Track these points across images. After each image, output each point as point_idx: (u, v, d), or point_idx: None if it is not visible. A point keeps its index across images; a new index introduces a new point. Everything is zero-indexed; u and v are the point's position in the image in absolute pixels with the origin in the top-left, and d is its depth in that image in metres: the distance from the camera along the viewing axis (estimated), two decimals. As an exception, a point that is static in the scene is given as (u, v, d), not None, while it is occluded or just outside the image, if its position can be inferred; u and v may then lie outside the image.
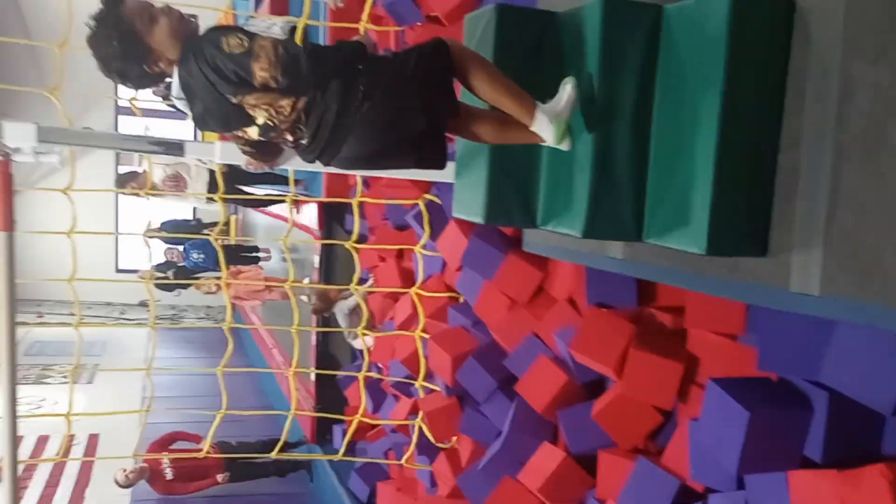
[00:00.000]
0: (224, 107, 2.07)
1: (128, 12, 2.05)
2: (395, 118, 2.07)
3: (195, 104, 2.13)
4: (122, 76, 2.11)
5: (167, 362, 8.89)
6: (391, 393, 5.12)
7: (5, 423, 2.91)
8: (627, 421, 2.89)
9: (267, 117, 2.08)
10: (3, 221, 2.57)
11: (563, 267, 3.34)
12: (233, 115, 2.10)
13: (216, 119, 2.16)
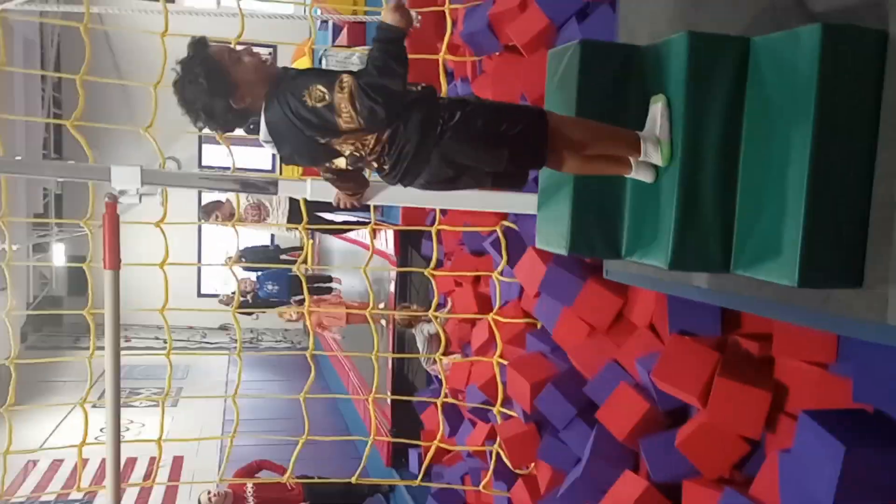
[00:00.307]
0: (312, 147, 2.20)
1: (214, 53, 2.20)
2: (475, 159, 2.19)
3: (283, 146, 2.25)
4: (209, 115, 2.20)
5: (247, 385, 9.15)
6: (468, 417, 5.16)
7: (109, 451, 3.06)
8: (713, 450, 2.85)
9: (353, 150, 2.21)
10: (110, 260, 2.73)
11: (643, 293, 3.34)
12: (321, 153, 2.23)
13: (305, 157, 2.31)
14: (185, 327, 13.32)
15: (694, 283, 2.40)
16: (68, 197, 13.56)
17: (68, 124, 4.34)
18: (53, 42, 13.01)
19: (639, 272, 2.80)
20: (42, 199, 12.83)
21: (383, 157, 2.23)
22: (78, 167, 3.01)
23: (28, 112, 11.05)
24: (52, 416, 8.87)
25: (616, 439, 3.33)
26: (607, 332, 3.55)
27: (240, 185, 2.57)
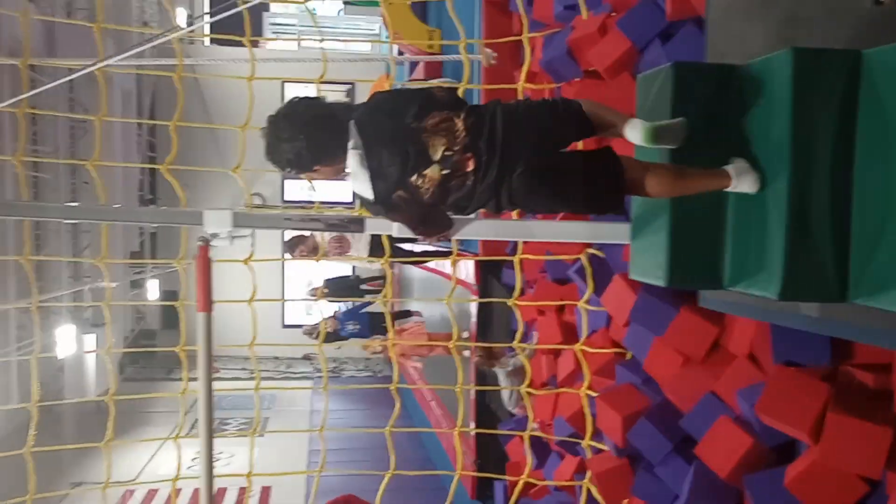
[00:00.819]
0: (403, 146, 2.22)
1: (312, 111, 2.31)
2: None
3: (372, 157, 2.24)
4: (297, 162, 2.30)
5: (330, 414, 9.22)
6: (555, 450, 5.02)
7: (203, 483, 3.10)
8: (827, 490, 2.66)
9: (445, 145, 2.20)
10: (203, 303, 2.78)
11: (740, 321, 3.17)
12: (414, 150, 2.21)
13: (395, 164, 2.24)
14: (271, 358, 13.63)
15: (802, 311, 2.26)
16: (162, 234, 14.20)
17: (162, 168, 4.54)
18: (148, 91, 13.74)
19: (738, 300, 2.66)
20: (138, 237, 13.46)
21: (477, 144, 2.21)
22: (172, 212, 3.11)
23: (125, 158, 11.69)
24: (148, 446, 9.17)
25: (717, 476, 3.16)
26: (703, 363, 3.39)
27: (326, 225, 2.58)
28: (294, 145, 2.24)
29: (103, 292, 4.95)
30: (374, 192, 2.26)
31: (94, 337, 10.03)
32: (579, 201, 2.33)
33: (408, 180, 2.23)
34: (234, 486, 7.98)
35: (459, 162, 2.22)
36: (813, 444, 2.68)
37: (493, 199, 2.30)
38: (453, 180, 2.24)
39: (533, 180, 2.24)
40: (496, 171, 2.22)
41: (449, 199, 2.30)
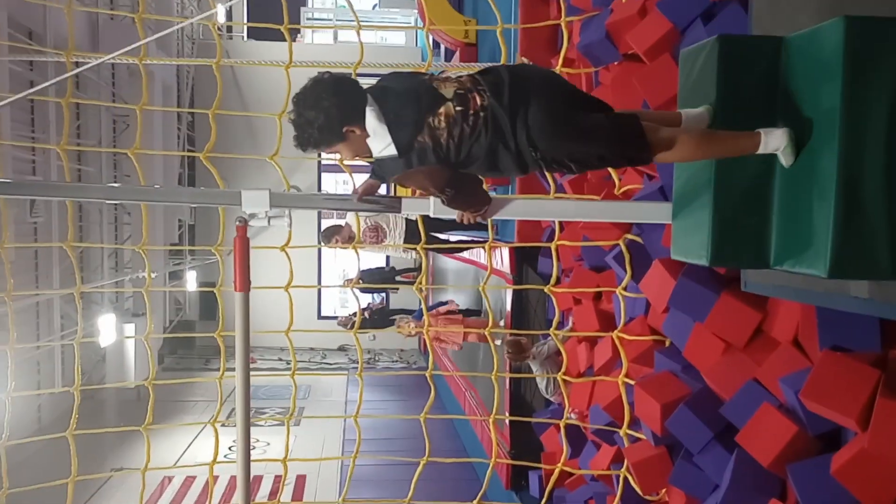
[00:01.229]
0: (416, 93, 2.29)
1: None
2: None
3: (388, 109, 2.27)
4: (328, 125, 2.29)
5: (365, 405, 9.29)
6: (591, 439, 4.97)
7: (239, 468, 3.12)
8: (877, 479, 2.58)
9: (455, 86, 2.29)
10: (241, 282, 2.80)
11: (785, 306, 3.09)
12: (426, 94, 2.28)
13: (412, 107, 2.27)
14: (307, 349, 13.76)
15: (852, 292, 2.19)
16: (200, 227, 14.44)
17: (202, 156, 4.60)
18: (188, 85, 13.96)
19: (784, 283, 2.59)
20: (177, 229, 13.70)
21: (481, 86, 2.28)
22: (211, 192, 3.14)
23: (165, 150, 11.89)
24: (185, 434, 9.32)
25: (760, 465, 3.09)
26: (745, 349, 3.32)
27: (364, 203, 2.58)
28: (322, 108, 2.25)
29: (143, 283, 5.03)
30: (396, 143, 2.26)
31: (133, 326, 10.23)
32: (604, 138, 2.26)
33: (425, 121, 2.24)
34: (270, 474, 8.05)
35: (470, 98, 2.26)
36: (861, 432, 2.60)
37: (510, 142, 2.26)
38: (467, 119, 2.25)
39: (550, 115, 2.23)
40: (507, 102, 2.24)
41: (467, 147, 2.28)
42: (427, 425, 4.67)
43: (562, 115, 2.25)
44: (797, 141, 2.04)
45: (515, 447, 6.36)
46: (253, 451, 9.62)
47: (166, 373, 12.91)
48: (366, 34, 4.99)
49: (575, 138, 2.27)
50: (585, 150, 2.30)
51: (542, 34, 5.64)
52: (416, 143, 2.26)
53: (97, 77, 10.50)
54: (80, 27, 9.50)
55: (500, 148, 2.28)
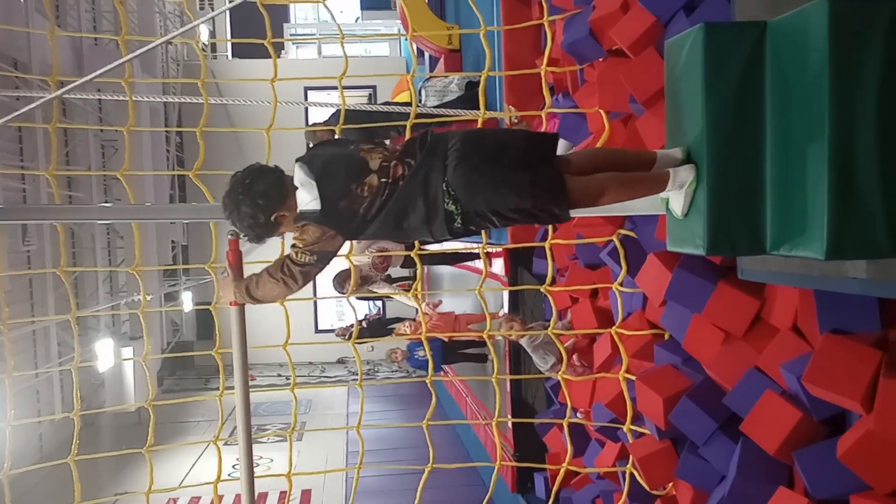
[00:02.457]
0: (349, 155, 2.45)
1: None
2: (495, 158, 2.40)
3: (317, 167, 2.41)
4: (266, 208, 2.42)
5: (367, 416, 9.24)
6: (595, 437, 4.96)
7: (243, 484, 3.10)
8: (884, 460, 2.57)
9: (381, 157, 2.42)
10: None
11: (782, 292, 3.10)
12: (355, 162, 2.42)
13: (341, 171, 2.41)
14: (306, 363, 13.72)
15: (850, 274, 2.19)
16: (193, 247, 14.40)
17: (191, 174, 4.58)
18: (175, 106, 13.97)
19: (780, 269, 2.59)
20: (171, 251, 13.66)
21: (406, 157, 2.41)
22: (202, 207, 3.13)
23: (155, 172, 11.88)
24: (188, 455, 9.27)
25: (766, 453, 3.08)
26: (745, 338, 3.31)
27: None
28: (242, 213, 2.38)
29: (139, 306, 5.00)
30: (322, 199, 2.36)
31: (131, 350, 10.18)
32: (525, 194, 2.35)
33: (350, 187, 2.36)
34: (275, 490, 8.01)
35: (391, 168, 2.40)
36: (865, 414, 2.59)
37: (430, 200, 2.37)
38: (384, 190, 2.38)
39: (471, 171, 2.34)
40: (426, 167, 2.36)
41: (381, 214, 2.40)
42: (430, 432, 4.64)
43: (484, 170, 2.35)
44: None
45: (519, 449, 6.34)
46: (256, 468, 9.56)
47: (166, 394, 12.85)
48: (350, 46, 5.00)
49: (495, 192, 2.36)
50: (505, 203, 2.38)
51: (525, 35, 5.65)
52: (339, 204, 2.37)
53: (84, 104, 10.48)
54: (64, 54, 9.50)
55: (412, 211, 2.40)
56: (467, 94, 6.42)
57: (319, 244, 2.41)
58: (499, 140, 2.43)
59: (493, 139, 2.44)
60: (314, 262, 2.44)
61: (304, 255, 2.42)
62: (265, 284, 2.54)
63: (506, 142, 2.42)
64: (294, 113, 13.52)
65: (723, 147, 2.12)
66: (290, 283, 2.48)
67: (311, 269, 2.45)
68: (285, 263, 2.45)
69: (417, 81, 7.19)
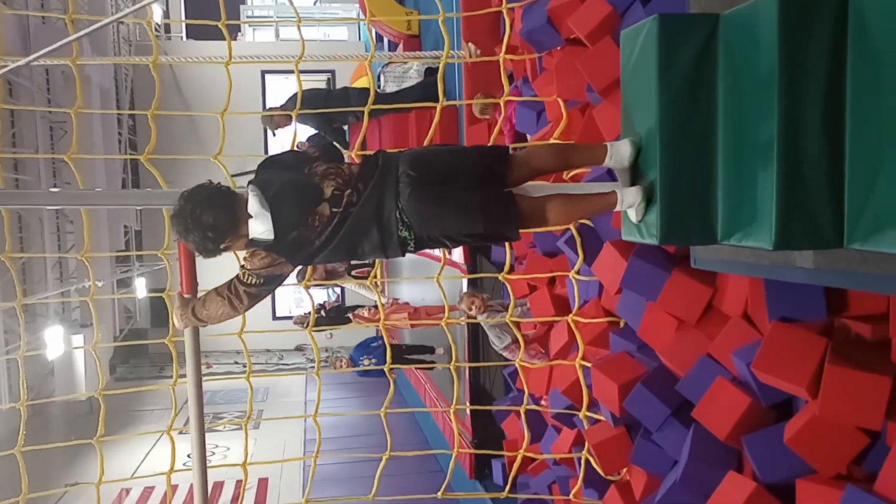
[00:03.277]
0: (304, 182, 2.42)
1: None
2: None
3: (271, 195, 2.37)
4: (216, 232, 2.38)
5: (325, 403, 9.20)
6: (552, 424, 5.01)
7: (196, 475, 3.05)
8: (828, 445, 2.64)
9: (334, 185, 2.39)
10: (188, 285, 2.73)
11: (734, 280, 3.15)
12: (309, 190, 2.39)
13: (296, 201, 2.39)
14: (263, 350, 13.57)
15: (797, 263, 2.23)
16: (147, 233, 14.09)
17: (142, 158, 4.47)
18: (127, 89, 13.60)
19: (731, 258, 2.63)
20: (123, 236, 13.35)
21: (358, 184, 2.39)
22: (152, 194, 3.04)
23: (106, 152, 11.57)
24: (142, 445, 9.11)
25: (716, 438, 3.15)
26: (697, 326, 3.37)
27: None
28: (192, 239, 2.35)
29: (90, 292, 4.87)
30: (276, 231, 2.34)
31: (81, 338, 9.94)
32: (476, 218, 2.38)
33: (304, 219, 2.35)
34: (231, 479, 7.93)
35: (344, 197, 2.37)
36: (811, 400, 2.66)
37: (382, 226, 2.38)
38: (334, 219, 2.36)
39: (423, 198, 2.35)
40: (377, 194, 2.37)
41: (330, 243, 2.39)
42: (388, 421, 4.64)
43: (435, 196, 2.36)
44: (650, 195, 2.26)
45: (478, 436, 6.37)
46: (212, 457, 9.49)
47: (119, 383, 12.60)
48: (308, 30, 4.92)
49: (448, 218, 2.39)
50: (458, 229, 2.42)
51: (484, 22, 5.63)
52: (291, 234, 2.36)
53: (31, 84, 10.15)
54: (10, 32, 9.16)
55: (366, 239, 2.41)
56: (426, 80, 6.39)
57: (268, 269, 2.39)
58: (449, 163, 2.42)
59: (442, 162, 2.42)
60: (262, 284, 2.42)
61: (252, 278, 2.40)
62: (212, 303, 2.50)
63: (456, 164, 2.41)
64: (251, 96, 13.30)
65: (676, 138, 2.14)
66: (236, 304, 2.45)
67: (258, 291, 2.43)
68: (233, 284, 2.43)
69: (376, 67, 7.11)
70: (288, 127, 6.24)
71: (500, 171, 2.44)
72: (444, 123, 5.63)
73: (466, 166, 2.40)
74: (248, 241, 2.39)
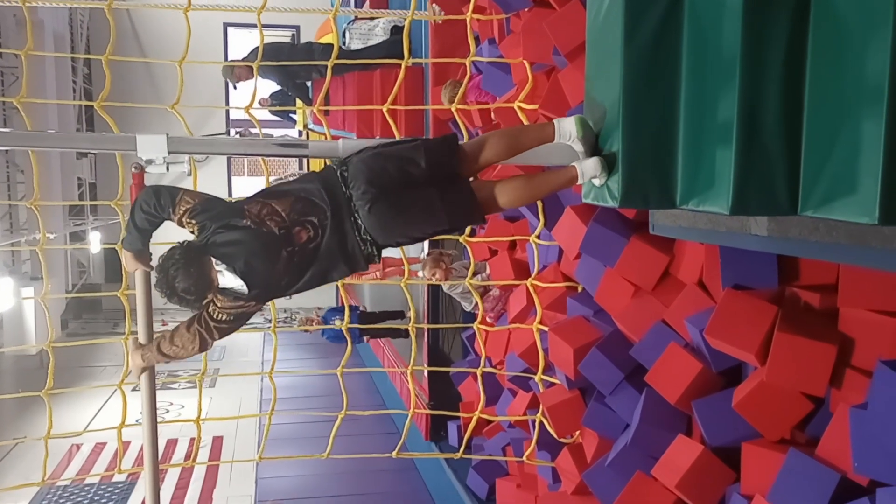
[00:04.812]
0: (261, 249, 2.38)
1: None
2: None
3: (238, 264, 2.37)
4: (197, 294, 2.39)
5: (283, 363, 9.17)
6: (508, 387, 5.06)
7: (146, 431, 3.01)
8: (773, 410, 2.71)
9: (277, 223, 2.39)
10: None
11: (691, 248, 3.19)
12: (268, 248, 2.38)
13: (264, 268, 2.40)
14: (220, 309, 13.39)
15: (752, 231, 2.25)
16: (102, 186, 13.72)
17: (96, 105, 4.32)
18: (82, 36, 13.11)
19: (690, 224, 2.64)
20: (77, 189, 12.99)
21: (306, 218, 2.39)
22: (104, 137, 2.94)
23: (60, 106, 11.18)
24: (94, 402, 8.99)
25: (667, 403, 3.21)
26: (654, 292, 3.41)
27: (270, 147, 2.47)
28: (179, 299, 2.36)
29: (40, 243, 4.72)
30: (249, 287, 2.37)
31: (32, 291, 9.70)
32: (439, 216, 2.43)
33: (272, 270, 2.38)
34: (185, 437, 7.88)
35: (295, 235, 2.37)
36: (760, 366, 2.72)
37: (346, 248, 2.41)
38: (297, 257, 2.38)
39: (382, 212, 2.36)
40: (337, 232, 2.38)
41: (304, 277, 2.44)
42: (345, 381, 4.63)
43: (395, 207, 2.37)
44: (610, 164, 2.28)
45: (435, 399, 6.41)
46: (167, 415, 9.38)
47: (71, 338, 12.35)
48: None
49: (411, 223, 2.43)
50: (423, 230, 2.49)
51: (453, -19, 5.53)
52: (261, 285, 2.40)
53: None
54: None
55: (335, 270, 2.45)
56: (392, 38, 6.27)
57: (240, 309, 2.43)
58: (399, 168, 2.39)
59: (394, 168, 2.38)
60: (232, 321, 2.45)
61: (223, 315, 2.42)
62: (180, 339, 2.49)
63: (407, 168, 2.39)
64: (212, 50, 12.93)
65: (638, 101, 2.12)
66: (206, 338, 2.46)
67: (230, 326, 2.46)
68: (203, 319, 2.43)
69: (342, 23, 6.95)
70: (249, 80, 6.10)
71: (451, 164, 2.45)
72: (408, 83, 5.54)
73: (418, 167, 2.39)
74: (222, 289, 2.42)
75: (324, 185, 2.39)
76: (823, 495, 2.43)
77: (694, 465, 3.03)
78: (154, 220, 2.49)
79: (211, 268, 2.38)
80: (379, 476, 7.20)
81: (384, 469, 7.06)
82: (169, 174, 3.49)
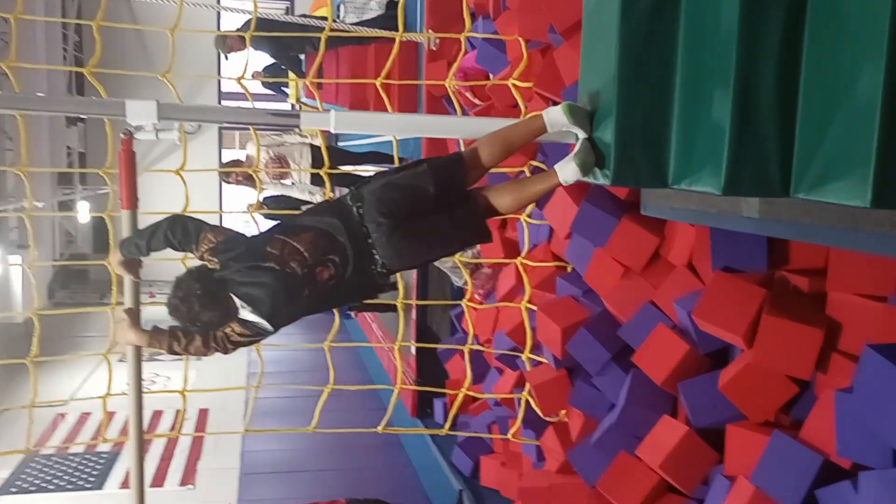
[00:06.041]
0: (286, 292, 2.44)
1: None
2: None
3: (262, 308, 2.43)
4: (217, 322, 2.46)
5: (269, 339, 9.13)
6: (494, 366, 5.07)
7: (131, 401, 3.00)
8: (759, 392, 2.72)
9: (298, 263, 2.44)
10: (127, 199, 2.65)
11: (682, 230, 3.18)
12: (292, 289, 2.43)
13: (288, 309, 2.49)
14: (209, 281, 13.32)
15: (744, 213, 2.25)
16: (91, 155, 13.58)
17: (86, 71, 4.26)
18: (75, 3, 12.92)
19: (681, 206, 2.64)
20: (66, 157, 12.86)
21: (326, 257, 2.44)
22: (94, 101, 2.90)
23: (50, 72, 11.03)
24: (80, 372, 8.95)
25: (654, 383, 3.22)
26: (643, 273, 3.41)
27: (262, 116, 2.45)
28: (199, 330, 2.44)
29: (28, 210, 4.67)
30: (266, 317, 2.42)
31: (19, 259, 9.63)
32: (451, 241, 2.56)
33: (297, 309, 2.48)
34: (171, 409, 7.87)
35: (318, 274, 2.43)
36: (747, 348, 2.72)
37: (364, 284, 2.51)
38: (317, 294, 2.45)
39: (397, 243, 2.43)
40: (359, 269, 2.45)
41: (323, 306, 2.59)
42: (332, 357, 4.62)
43: (409, 235, 2.44)
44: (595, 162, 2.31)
45: (422, 375, 6.42)
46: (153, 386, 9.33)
47: (58, 307, 12.29)
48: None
49: (425, 250, 2.55)
50: (438, 254, 2.70)
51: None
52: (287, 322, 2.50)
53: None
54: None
55: (349, 300, 2.72)
56: (387, 13, 6.20)
57: (257, 337, 2.50)
58: (411, 196, 2.43)
59: (405, 197, 2.43)
60: (249, 341, 2.52)
61: (241, 339, 2.48)
62: (196, 349, 2.52)
63: (417, 195, 2.43)
64: (205, 21, 12.77)
65: (634, 78, 2.10)
66: (221, 352, 2.53)
67: (247, 342, 2.52)
68: (220, 338, 2.47)
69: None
70: (241, 52, 6.01)
71: (458, 181, 2.51)
72: (402, 59, 5.49)
73: (427, 192, 2.44)
74: (241, 321, 2.47)
75: (342, 221, 2.45)
76: (806, 477, 2.45)
77: (678, 446, 3.04)
78: (171, 247, 2.54)
79: (232, 300, 2.44)
80: (365, 451, 7.22)
81: (370, 444, 7.07)
82: (159, 143, 3.44)
